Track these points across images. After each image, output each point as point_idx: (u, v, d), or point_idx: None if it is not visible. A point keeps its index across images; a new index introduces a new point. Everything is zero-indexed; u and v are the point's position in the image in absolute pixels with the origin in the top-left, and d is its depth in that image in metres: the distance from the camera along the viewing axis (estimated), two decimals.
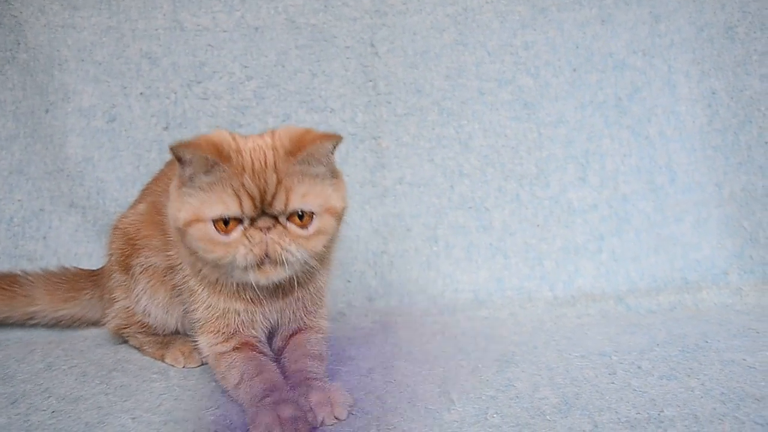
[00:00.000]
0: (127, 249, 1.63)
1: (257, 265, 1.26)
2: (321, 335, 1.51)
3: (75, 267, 1.94)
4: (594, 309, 1.99)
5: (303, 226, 1.28)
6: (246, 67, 2.16)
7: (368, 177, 2.15)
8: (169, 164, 1.72)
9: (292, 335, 1.51)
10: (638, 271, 2.09)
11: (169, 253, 1.53)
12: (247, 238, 1.25)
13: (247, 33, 2.16)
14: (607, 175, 2.13)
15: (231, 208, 1.24)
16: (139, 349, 1.69)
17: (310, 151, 1.28)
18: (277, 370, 1.35)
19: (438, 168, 2.14)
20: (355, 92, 2.15)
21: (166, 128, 2.18)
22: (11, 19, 2.14)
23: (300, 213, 1.27)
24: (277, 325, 1.51)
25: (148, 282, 1.60)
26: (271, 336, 1.52)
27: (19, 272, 1.86)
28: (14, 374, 1.51)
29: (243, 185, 1.24)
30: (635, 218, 2.12)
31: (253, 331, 1.45)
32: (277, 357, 1.47)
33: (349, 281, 2.09)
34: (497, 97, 2.14)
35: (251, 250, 1.24)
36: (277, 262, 1.26)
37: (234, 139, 1.32)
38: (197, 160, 1.26)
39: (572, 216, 2.12)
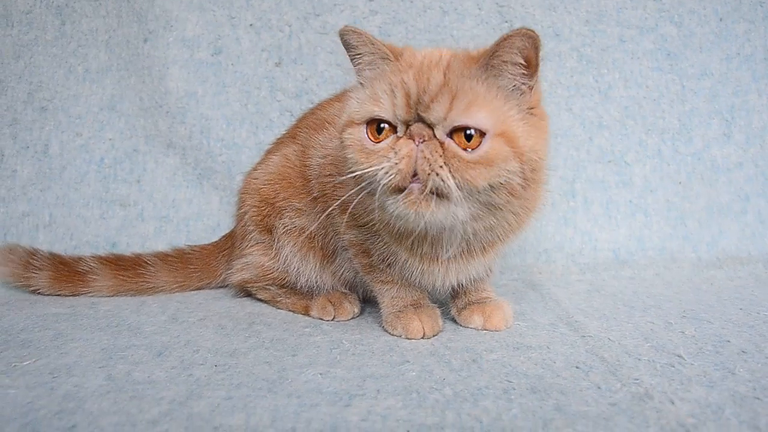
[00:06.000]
0: (264, 208, 1.45)
1: (401, 188, 1.00)
2: None
3: (200, 246, 1.70)
4: (744, 272, 1.88)
5: (469, 149, 1.00)
6: (371, 0, 1.97)
7: None
8: (307, 114, 1.56)
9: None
10: None
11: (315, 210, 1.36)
12: (395, 148, 1.01)
13: None
14: (754, 132, 2.01)
15: (383, 106, 1.04)
16: (269, 301, 1.52)
17: (496, 49, 1.02)
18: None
19: (576, 118, 1.99)
20: (489, 33, 1.97)
21: (278, 64, 1.98)
22: None
23: (468, 131, 1.00)
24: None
25: (295, 245, 1.42)
26: None
27: (146, 259, 1.61)
28: (139, 326, 1.31)
29: (402, 81, 1.03)
30: None
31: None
32: None
33: None
34: (639, 45, 1.99)
35: (396, 164, 0.99)
36: (429, 190, 0.98)
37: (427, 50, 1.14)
38: (364, 48, 1.12)
39: (716, 174, 2.00)
